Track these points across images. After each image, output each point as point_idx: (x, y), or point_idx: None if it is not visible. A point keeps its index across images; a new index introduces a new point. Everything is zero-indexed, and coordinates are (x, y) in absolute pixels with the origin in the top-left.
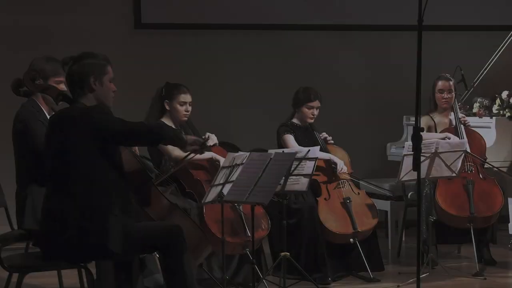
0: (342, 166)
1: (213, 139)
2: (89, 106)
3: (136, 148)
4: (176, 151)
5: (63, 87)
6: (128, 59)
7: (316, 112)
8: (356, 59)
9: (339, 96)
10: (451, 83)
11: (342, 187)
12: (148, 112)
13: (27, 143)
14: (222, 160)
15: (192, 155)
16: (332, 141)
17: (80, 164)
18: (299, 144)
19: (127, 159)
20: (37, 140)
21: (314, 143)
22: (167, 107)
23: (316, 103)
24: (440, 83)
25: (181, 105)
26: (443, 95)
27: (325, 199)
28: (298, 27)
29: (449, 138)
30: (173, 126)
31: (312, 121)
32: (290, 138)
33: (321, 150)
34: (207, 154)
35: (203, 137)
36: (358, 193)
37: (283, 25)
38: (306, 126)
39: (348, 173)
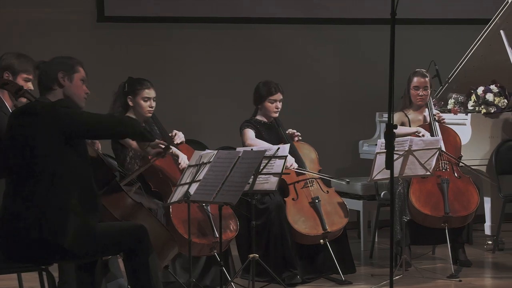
0: (292, 162)
1: (180, 137)
2: (54, 100)
3: (99, 145)
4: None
5: (30, 85)
6: (91, 53)
7: (279, 105)
8: (327, 54)
9: (310, 91)
10: (427, 79)
11: (310, 186)
12: (111, 108)
13: None
14: (181, 155)
15: (154, 159)
16: (300, 137)
17: (44, 160)
18: (265, 141)
19: (90, 156)
20: (1, 131)
21: (279, 140)
22: (130, 103)
23: (278, 96)
24: (415, 80)
25: (145, 101)
26: (418, 92)
27: (293, 199)
28: (268, 21)
29: (420, 132)
30: None
31: (277, 115)
32: (248, 132)
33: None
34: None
35: (170, 134)
36: (327, 191)
37: (253, 18)
38: (270, 123)
39: (315, 172)
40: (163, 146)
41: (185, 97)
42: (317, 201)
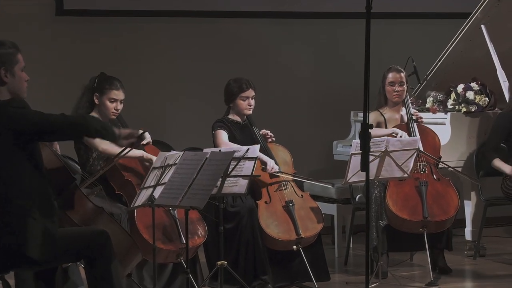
0: (272, 165)
1: (146, 137)
2: (3, 100)
3: (57, 146)
4: (103, 144)
5: None
6: (49, 48)
7: (252, 101)
8: (299, 50)
9: (281, 89)
10: (403, 75)
11: (284, 189)
12: (77, 103)
13: None
14: (153, 158)
15: (127, 150)
16: (274, 138)
17: None
18: (236, 142)
19: (48, 158)
20: None
21: (253, 141)
22: (96, 101)
23: (250, 92)
24: (390, 75)
25: (111, 102)
26: (394, 88)
27: (265, 202)
28: (236, 15)
29: (397, 134)
30: None
31: (250, 112)
32: (222, 134)
33: (260, 148)
34: (137, 152)
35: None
36: (302, 195)
37: (219, 12)
38: (244, 123)
39: (290, 174)
40: (136, 136)
41: (149, 96)
42: (291, 205)
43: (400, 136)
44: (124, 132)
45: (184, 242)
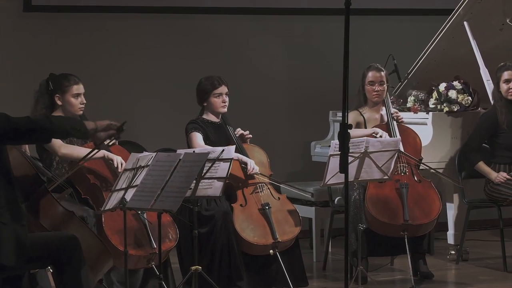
0: (253, 166)
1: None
2: None
3: (27, 147)
4: (63, 149)
5: None
6: (16, 46)
7: (226, 98)
8: (275, 47)
9: (256, 88)
10: (383, 73)
11: (260, 191)
12: (32, 110)
13: None
14: (116, 158)
15: (95, 151)
16: (251, 136)
17: None
18: (211, 143)
19: (17, 160)
20: None
21: (228, 141)
22: (59, 102)
23: (223, 89)
24: (370, 74)
25: (75, 98)
26: (374, 87)
27: (241, 205)
28: (208, 11)
29: (377, 133)
30: None
31: (225, 110)
32: (196, 137)
33: (235, 149)
34: (99, 153)
35: None
36: (279, 198)
37: (191, 8)
38: (219, 123)
39: (266, 176)
40: (115, 127)
41: (119, 95)
42: (267, 208)
43: (380, 136)
44: (101, 124)
45: (155, 246)
